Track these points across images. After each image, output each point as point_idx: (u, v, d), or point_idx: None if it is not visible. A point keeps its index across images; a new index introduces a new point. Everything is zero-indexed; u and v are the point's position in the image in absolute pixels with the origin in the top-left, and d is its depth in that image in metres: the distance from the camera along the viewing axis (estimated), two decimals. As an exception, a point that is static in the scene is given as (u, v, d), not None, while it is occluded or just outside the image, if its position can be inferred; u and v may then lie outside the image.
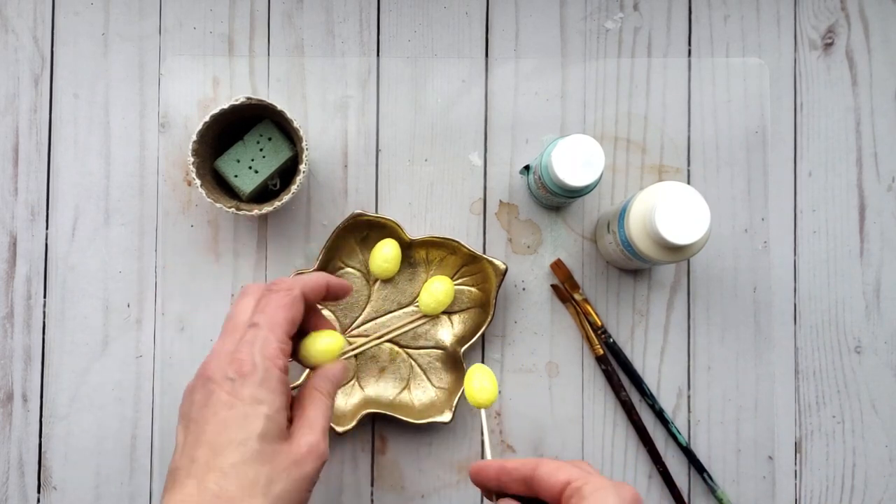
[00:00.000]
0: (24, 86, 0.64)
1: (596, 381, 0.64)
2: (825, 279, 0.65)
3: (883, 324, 0.65)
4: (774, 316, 0.64)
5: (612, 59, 0.65)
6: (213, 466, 0.42)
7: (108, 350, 0.64)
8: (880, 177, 0.65)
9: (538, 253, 0.65)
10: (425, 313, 0.62)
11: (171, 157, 0.64)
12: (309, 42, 0.65)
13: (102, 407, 0.63)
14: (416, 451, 0.63)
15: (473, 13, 0.65)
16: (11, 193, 0.64)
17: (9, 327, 0.64)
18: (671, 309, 0.64)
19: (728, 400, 0.64)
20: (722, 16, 0.66)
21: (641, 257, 0.56)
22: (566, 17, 0.66)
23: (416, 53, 0.65)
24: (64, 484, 0.63)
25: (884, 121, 0.65)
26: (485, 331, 0.63)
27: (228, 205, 0.58)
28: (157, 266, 0.64)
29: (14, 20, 0.65)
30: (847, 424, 0.64)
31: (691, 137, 0.65)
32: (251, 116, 0.61)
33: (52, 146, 0.65)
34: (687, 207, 0.52)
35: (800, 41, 0.66)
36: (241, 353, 0.45)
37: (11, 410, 0.63)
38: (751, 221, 0.65)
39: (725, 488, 0.63)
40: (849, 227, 0.65)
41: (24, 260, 0.64)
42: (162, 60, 0.65)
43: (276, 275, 0.64)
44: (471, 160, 0.65)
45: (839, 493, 0.64)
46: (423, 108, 0.65)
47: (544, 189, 0.58)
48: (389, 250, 0.61)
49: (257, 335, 0.45)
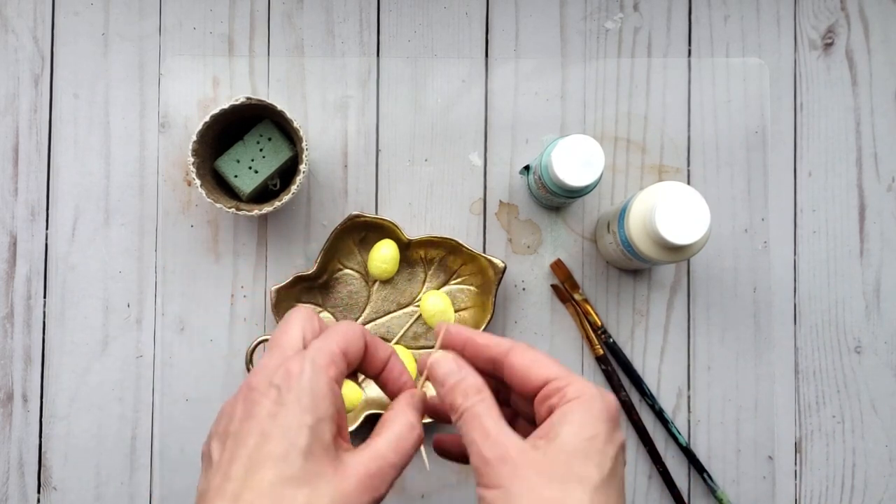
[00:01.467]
0: (24, 86, 0.64)
1: (596, 381, 0.64)
2: (825, 279, 0.65)
3: (883, 324, 0.65)
4: (774, 316, 0.64)
5: (612, 59, 0.65)
6: (249, 485, 0.35)
7: (108, 350, 0.64)
8: (880, 177, 0.65)
9: (538, 253, 0.65)
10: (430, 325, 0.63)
11: (171, 157, 0.64)
12: (309, 42, 0.65)
13: (102, 407, 0.63)
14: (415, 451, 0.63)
15: (473, 13, 0.65)
16: (11, 193, 0.64)
17: (9, 327, 0.64)
18: (671, 309, 0.64)
19: (728, 400, 0.64)
20: (722, 16, 0.66)
21: (641, 257, 0.56)
22: (566, 17, 0.66)
23: (416, 53, 0.65)
24: (64, 484, 0.63)
25: (884, 121, 0.65)
26: (484, 330, 0.63)
27: (228, 205, 0.58)
28: (157, 266, 0.64)
29: (14, 20, 0.65)
30: (847, 424, 0.64)
31: (691, 137, 0.65)
32: (251, 116, 0.61)
33: (52, 146, 0.65)
34: (687, 207, 0.52)
35: (800, 41, 0.66)
36: (291, 361, 0.38)
37: (11, 410, 0.63)
38: (751, 221, 0.65)
39: (725, 488, 0.63)
40: (849, 227, 0.65)
41: (24, 260, 0.64)
42: (162, 60, 0.65)
43: (276, 275, 0.64)
44: (471, 160, 0.65)
45: (839, 493, 0.64)
46: (423, 108, 0.65)
47: (544, 189, 0.58)
48: (388, 251, 0.61)
49: (310, 348, 0.39)
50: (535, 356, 0.39)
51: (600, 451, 0.36)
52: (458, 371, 0.39)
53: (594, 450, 0.35)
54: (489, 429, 0.36)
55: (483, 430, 0.36)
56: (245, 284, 0.64)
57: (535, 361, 0.38)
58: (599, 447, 0.36)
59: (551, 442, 0.36)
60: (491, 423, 0.37)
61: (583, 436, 0.36)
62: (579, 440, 0.35)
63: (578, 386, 0.37)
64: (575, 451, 0.35)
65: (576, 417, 0.36)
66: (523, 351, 0.39)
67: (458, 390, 0.38)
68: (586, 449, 0.35)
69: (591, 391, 0.37)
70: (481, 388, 0.38)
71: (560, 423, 0.36)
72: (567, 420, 0.36)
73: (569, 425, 0.36)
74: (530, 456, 0.35)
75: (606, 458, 0.36)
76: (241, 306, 0.64)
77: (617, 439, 0.37)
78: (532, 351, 0.39)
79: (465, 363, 0.39)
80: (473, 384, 0.38)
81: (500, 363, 0.39)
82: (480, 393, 0.38)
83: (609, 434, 0.36)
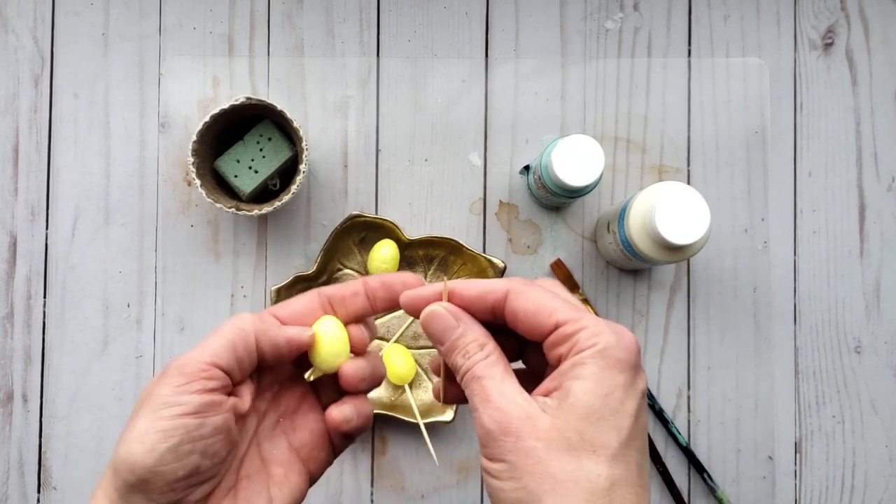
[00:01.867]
0: (24, 86, 0.64)
1: (596, 381, 0.64)
2: (825, 279, 0.65)
3: (883, 324, 0.65)
4: (774, 316, 0.64)
5: (612, 59, 0.65)
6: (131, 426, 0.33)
7: (108, 350, 0.64)
8: (880, 177, 0.65)
9: (538, 253, 0.65)
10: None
11: (171, 157, 0.64)
12: (309, 42, 0.65)
13: (102, 407, 0.63)
14: (416, 451, 0.63)
15: (473, 13, 0.65)
16: (11, 193, 0.64)
17: (9, 327, 0.64)
18: (671, 309, 0.64)
19: (728, 400, 0.64)
20: (722, 16, 0.66)
21: (641, 257, 0.56)
22: (566, 17, 0.66)
23: (416, 53, 0.65)
24: (64, 484, 0.63)
25: (884, 121, 0.65)
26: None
27: (228, 205, 0.58)
28: (157, 266, 0.64)
29: (14, 20, 0.65)
30: (847, 424, 0.64)
31: (691, 137, 0.65)
32: (251, 116, 0.61)
33: (52, 146, 0.65)
34: (687, 207, 0.52)
35: (800, 41, 0.66)
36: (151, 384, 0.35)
37: (11, 410, 0.63)
38: (751, 221, 0.65)
39: (725, 488, 0.63)
40: (849, 227, 0.65)
41: (24, 260, 0.64)
42: (162, 60, 0.65)
43: (276, 275, 0.64)
44: (471, 160, 0.65)
45: (839, 493, 0.64)
46: (423, 108, 0.65)
47: (544, 189, 0.58)
48: (387, 251, 0.61)
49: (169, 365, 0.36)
50: (539, 297, 0.33)
51: (617, 411, 0.31)
52: (456, 326, 0.34)
53: (610, 409, 0.30)
54: (490, 393, 0.32)
55: (484, 395, 0.32)
56: (245, 284, 0.64)
57: (540, 305, 0.33)
58: (616, 406, 0.31)
59: (561, 403, 0.31)
60: (492, 384, 0.32)
61: (597, 393, 0.30)
62: (592, 399, 0.30)
63: (592, 330, 0.32)
64: (588, 413, 0.30)
65: (588, 371, 0.31)
66: (525, 293, 0.33)
67: (458, 348, 0.34)
68: (601, 409, 0.30)
69: (606, 335, 0.31)
70: (484, 342, 0.34)
71: (571, 377, 0.31)
72: (578, 374, 0.31)
73: (580, 381, 0.31)
74: (536, 422, 0.31)
75: (625, 416, 0.31)
76: (241, 306, 0.64)
77: (637, 388, 0.32)
78: (534, 290, 0.33)
79: (464, 314, 0.34)
80: (474, 339, 0.34)
81: (501, 308, 0.34)
82: (483, 348, 0.33)
83: (628, 385, 0.31)
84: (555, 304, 0.33)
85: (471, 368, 0.33)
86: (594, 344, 0.31)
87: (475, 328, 0.34)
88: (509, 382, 0.32)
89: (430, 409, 0.62)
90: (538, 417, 0.31)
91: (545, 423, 0.31)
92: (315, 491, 0.63)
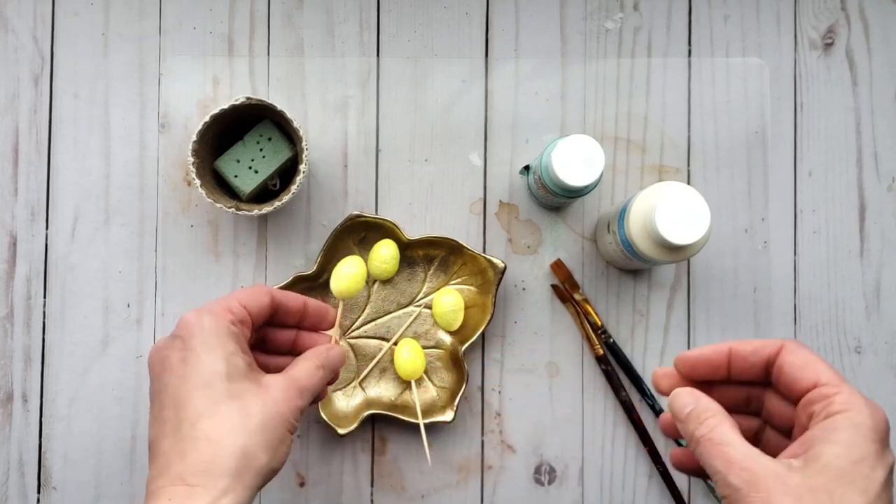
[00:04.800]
0: (24, 86, 0.64)
1: (596, 381, 0.64)
2: (825, 279, 0.65)
3: (883, 324, 0.65)
4: (774, 316, 0.64)
5: (612, 59, 0.65)
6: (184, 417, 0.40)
7: (107, 350, 0.64)
8: (880, 177, 0.65)
9: (538, 253, 0.65)
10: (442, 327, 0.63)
11: (171, 157, 0.64)
12: (309, 42, 0.65)
13: (102, 407, 0.63)
14: (416, 452, 0.63)
15: (473, 13, 0.65)
16: (11, 193, 0.64)
17: (9, 327, 0.64)
18: (671, 309, 0.64)
19: (728, 400, 0.64)
20: (722, 16, 0.66)
21: (641, 257, 0.56)
22: (566, 17, 0.66)
23: (416, 53, 0.65)
24: (64, 484, 0.63)
25: (884, 121, 0.65)
26: (485, 330, 0.63)
27: (228, 205, 0.58)
28: (157, 266, 0.64)
29: (14, 20, 0.65)
30: (847, 424, 0.64)
31: (691, 137, 0.65)
32: (251, 116, 0.61)
33: (52, 146, 0.65)
34: (687, 207, 0.52)
35: (800, 41, 0.66)
36: (185, 316, 0.44)
37: (11, 410, 0.63)
38: (751, 221, 0.65)
39: (725, 488, 0.63)
40: (849, 228, 0.65)
41: (24, 260, 0.64)
42: (162, 60, 0.65)
43: (276, 275, 0.64)
44: (471, 160, 0.65)
45: (839, 493, 0.64)
46: (423, 108, 0.65)
47: (544, 189, 0.58)
48: (387, 251, 0.61)
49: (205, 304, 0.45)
50: (809, 357, 0.37)
51: (867, 477, 0.32)
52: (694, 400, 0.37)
53: (860, 475, 0.32)
54: (731, 455, 0.34)
55: (725, 458, 0.34)
56: (245, 284, 0.64)
57: (809, 362, 0.37)
58: (867, 472, 0.33)
59: (811, 463, 0.33)
60: (732, 448, 0.34)
61: (849, 458, 0.33)
62: (844, 463, 0.32)
63: (847, 397, 0.35)
64: (839, 475, 0.32)
65: (842, 436, 0.33)
66: (797, 348, 0.37)
67: (692, 417, 0.37)
68: (851, 474, 0.32)
69: (860, 404, 0.34)
70: (716, 410, 0.36)
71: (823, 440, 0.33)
72: (831, 438, 0.33)
73: (833, 445, 0.33)
74: (785, 479, 0.33)
75: (874, 483, 0.33)
76: (241, 306, 0.64)
77: (887, 461, 0.34)
78: (806, 350, 0.37)
79: (700, 393, 0.38)
80: (707, 407, 0.37)
81: (772, 362, 0.38)
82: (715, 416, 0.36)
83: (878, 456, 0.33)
84: (821, 366, 0.36)
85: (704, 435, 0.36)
86: (848, 409, 0.34)
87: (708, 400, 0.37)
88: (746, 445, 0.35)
89: (429, 409, 0.62)
90: (787, 475, 0.33)
91: (795, 480, 0.32)
92: (315, 491, 0.63)
